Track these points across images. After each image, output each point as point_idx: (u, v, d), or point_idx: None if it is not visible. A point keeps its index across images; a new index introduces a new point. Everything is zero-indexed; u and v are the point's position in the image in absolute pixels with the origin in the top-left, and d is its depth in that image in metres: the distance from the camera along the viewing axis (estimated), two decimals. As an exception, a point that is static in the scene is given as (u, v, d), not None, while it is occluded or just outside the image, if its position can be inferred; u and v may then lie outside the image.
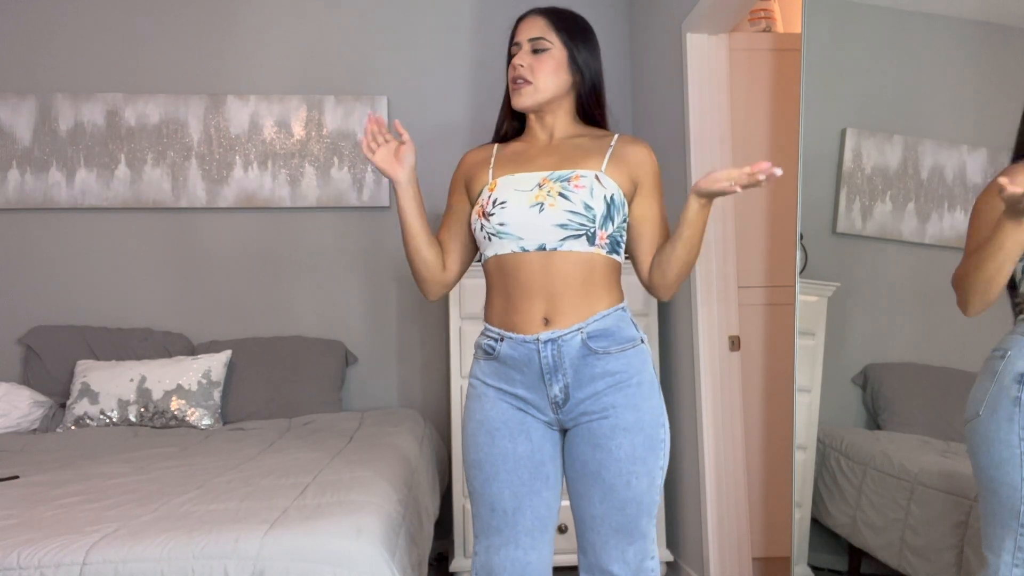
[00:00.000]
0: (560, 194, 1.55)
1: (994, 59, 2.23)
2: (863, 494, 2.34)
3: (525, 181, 1.59)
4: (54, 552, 1.55)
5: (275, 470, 2.20)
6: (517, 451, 1.59)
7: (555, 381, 1.55)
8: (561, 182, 1.56)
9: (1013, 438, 1.55)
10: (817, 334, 2.39)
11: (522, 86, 1.64)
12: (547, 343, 1.54)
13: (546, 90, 1.64)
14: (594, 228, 1.55)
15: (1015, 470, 1.54)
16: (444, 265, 1.74)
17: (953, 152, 2.28)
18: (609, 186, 1.58)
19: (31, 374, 3.25)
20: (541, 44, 1.65)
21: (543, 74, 1.63)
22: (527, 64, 1.64)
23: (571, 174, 1.57)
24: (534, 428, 1.60)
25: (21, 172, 3.38)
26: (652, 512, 1.59)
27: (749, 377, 2.90)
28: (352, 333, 3.48)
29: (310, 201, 3.48)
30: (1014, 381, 1.57)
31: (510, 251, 1.58)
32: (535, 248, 1.55)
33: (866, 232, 2.37)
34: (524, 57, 1.65)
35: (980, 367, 1.70)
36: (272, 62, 3.53)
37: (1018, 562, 1.54)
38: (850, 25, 2.45)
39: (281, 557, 1.57)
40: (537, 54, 1.64)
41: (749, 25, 3.21)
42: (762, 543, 2.88)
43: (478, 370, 1.68)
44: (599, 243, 1.56)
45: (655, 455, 1.57)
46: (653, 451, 1.56)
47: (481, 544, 1.62)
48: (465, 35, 3.60)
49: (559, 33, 1.66)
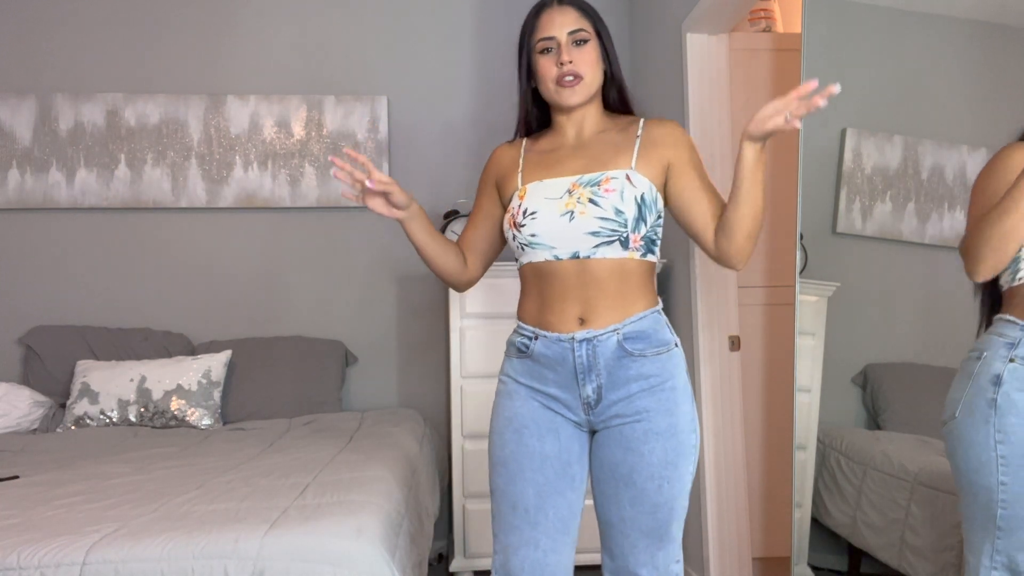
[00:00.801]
0: (590, 200, 1.51)
1: (994, 59, 2.23)
2: (863, 494, 2.34)
3: (555, 188, 1.56)
4: (54, 552, 1.55)
5: (275, 470, 2.20)
6: (544, 450, 1.57)
7: (588, 381, 1.53)
8: (591, 187, 1.52)
9: (989, 440, 1.53)
10: (817, 334, 2.39)
11: (575, 83, 1.57)
12: (582, 343, 1.52)
13: (593, 83, 1.59)
14: (627, 232, 1.51)
15: (991, 473, 1.52)
16: (467, 263, 1.74)
17: (953, 152, 2.28)
18: (640, 184, 1.53)
19: (31, 374, 3.25)
20: (582, 36, 1.58)
21: (589, 67, 1.58)
22: (574, 58, 1.57)
23: (601, 177, 1.53)
24: (563, 428, 1.58)
25: (21, 172, 3.38)
26: (681, 517, 1.57)
27: (749, 377, 2.90)
28: (352, 333, 3.48)
29: (310, 201, 3.48)
30: (990, 383, 1.54)
31: (543, 259, 1.56)
32: (568, 256, 1.54)
33: (866, 232, 2.37)
34: (569, 51, 1.57)
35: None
36: (272, 62, 3.53)
37: (996, 564, 1.53)
38: (850, 25, 2.45)
39: (281, 557, 1.57)
40: (579, 46, 1.58)
41: (749, 25, 3.21)
42: (762, 543, 2.88)
43: (509, 367, 1.65)
44: (633, 247, 1.53)
45: (687, 461, 1.55)
46: (685, 457, 1.54)
47: (499, 543, 1.58)
48: (465, 35, 3.60)
49: (593, 23, 1.61)
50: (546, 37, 1.59)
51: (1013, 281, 1.60)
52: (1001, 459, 1.52)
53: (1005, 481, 1.51)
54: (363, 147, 3.49)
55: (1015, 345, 1.54)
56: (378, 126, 3.50)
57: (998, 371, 1.54)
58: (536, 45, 1.60)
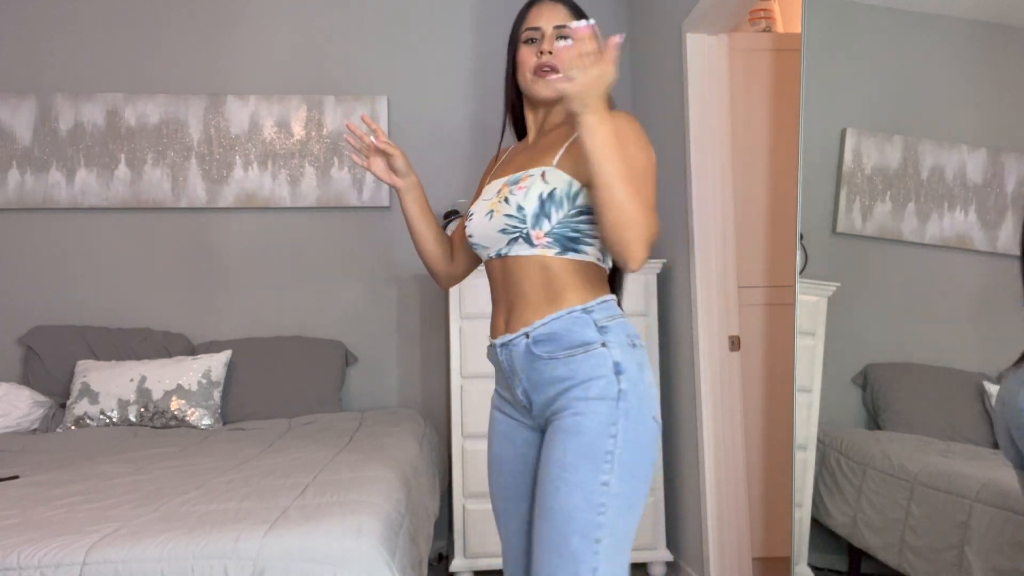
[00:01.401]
0: (505, 199, 1.50)
1: (994, 59, 2.23)
2: (863, 494, 2.33)
3: (492, 189, 1.58)
4: (54, 552, 1.55)
5: (275, 470, 2.20)
6: (503, 455, 1.60)
7: (516, 385, 1.53)
8: (511, 186, 1.51)
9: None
10: (817, 334, 2.39)
11: (550, 74, 1.54)
12: (501, 347, 1.53)
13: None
14: (526, 229, 1.47)
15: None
16: (452, 258, 1.78)
17: (953, 152, 2.28)
18: (554, 180, 1.47)
19: (31, 374, 3.25)
20: (566, 32, 1.55)
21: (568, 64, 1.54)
22: (557, 53, 1.53)
23: (522, 175, 1.51)
24: (519, 433, 1.58)
25: (21, 172, 3.38)
26: (589, 534, 1.36)
27: (749, 377, 2.90)
28: (352, 333, 3.49)
29: (310, 201, 3.48)
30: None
31: (486, 259, 1.60)
32: (496, 255, 1.55)
33: (866, 232, 2.37)
34: (551, 43, 1.56)
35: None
36: (272, 62, 3.53)
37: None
38: (850, 25, 2.45)
39: (281, 557, 1.57)
40: (563, 40, 1.51)
41: (749, 25, 3.21)
42: (762, 543, 2.88)
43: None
44: (539, 243, 1.48)
45: (594, 467, 1.37)
46: (591, 461, 1.38)
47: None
48: (465, 35, 3.60)
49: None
50: (532, 27, 1.59)
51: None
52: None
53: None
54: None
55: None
56: (378, 126, 3.49)
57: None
58: (522, 35, 1.60)
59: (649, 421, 1.44)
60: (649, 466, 1.44)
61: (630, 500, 1.40)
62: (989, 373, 2.14)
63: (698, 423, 2.76)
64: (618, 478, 1.38)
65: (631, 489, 1.40)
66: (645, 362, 1.48)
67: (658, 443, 1.48)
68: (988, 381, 2.13)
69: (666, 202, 3.08)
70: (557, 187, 1.47)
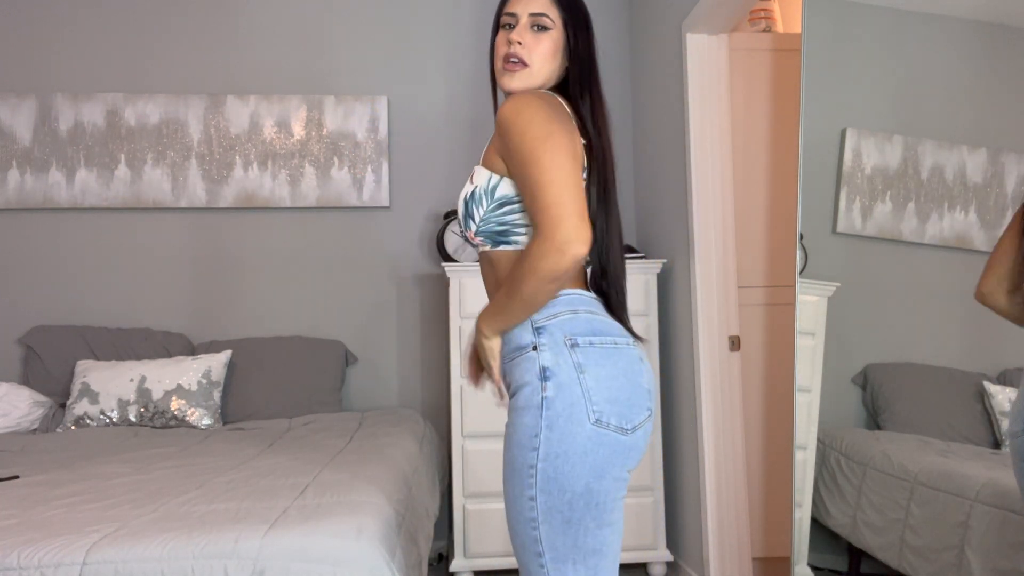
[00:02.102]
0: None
1: (994, 59, 2.23)
2: (863, 494, 2.33)
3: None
4: (54, 552, 1.55)
5: (275, 470, 2.20)
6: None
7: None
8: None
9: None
10: (817, 334, 2.39)
11: (516, 67, 1.44)
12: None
13: (538, 75, 1.45)
14: (463, 231, 1.46)
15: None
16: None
17: (953, 152, 2.28)
18: (478, 177, 1.43)
19: (31, 374, 3.25)
20: (543, 21, 1.44)
21: (540, 56, 1.44)
22: (525, 42, 1.44)
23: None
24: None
25: (21, 172, 3.38)
26: (530, 548, 1.34)
27: (749, 377, 2.90)
28: (352, 333, 3.49)
29: (310, 201, 3.48)
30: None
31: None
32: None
33: (866, 232, 2.37)
34: (523, 33, 1.44)
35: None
36: (272, 62, 3.53)
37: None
38: (850, 25, 2.45)
39: (281, 557, 1.57)
40: (537, 32, 1.44)
41: (749, 25, 3.21)
42: (762, 543, 2.88)
43: None
44: (477, 243, 1.45)
45: (520, 481, 1.33)
46: (518, 476, 1.33)
47: None
48: (465, 35, 3.60)
49: (561, 13, 1.46)
50: (509, 12, 1.47)
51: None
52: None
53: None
54: (363, 147, 3.49)
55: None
56: (378, 126, 3.49)
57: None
58: (500, 19, 1.49)
59: (584, 427, 1.31)
60: (589, 476, 1.31)
61: (566, 515, 1.31)
62: (989, 373, 2.14)
63: (698, 423, 2.75)
64: (544, 492, 1.31)
65: (563, 503, 1.31)
66: (591, 362, 1.34)
67: (608, 449, 1.32)
68: (988, 381, 2.12)
69: (666, 202, 3.08)
70: (479, 184, 1.42)
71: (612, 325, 1.42)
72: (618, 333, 1.41)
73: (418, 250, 3.53)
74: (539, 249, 1.26)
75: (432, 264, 3.51)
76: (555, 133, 1.31)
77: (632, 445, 1.36)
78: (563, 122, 1.36)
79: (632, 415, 1.35)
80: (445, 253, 3.17)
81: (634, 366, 1.39)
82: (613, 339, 1.39)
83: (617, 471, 1.34)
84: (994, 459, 2.05)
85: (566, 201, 1.26)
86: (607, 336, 1.38)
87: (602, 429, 1.32)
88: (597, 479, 1.32)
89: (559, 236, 1.24)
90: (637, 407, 1.36)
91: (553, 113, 1.36)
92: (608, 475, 1.33)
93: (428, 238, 3.52)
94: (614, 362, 1.36)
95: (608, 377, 1.34)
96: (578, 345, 1.35)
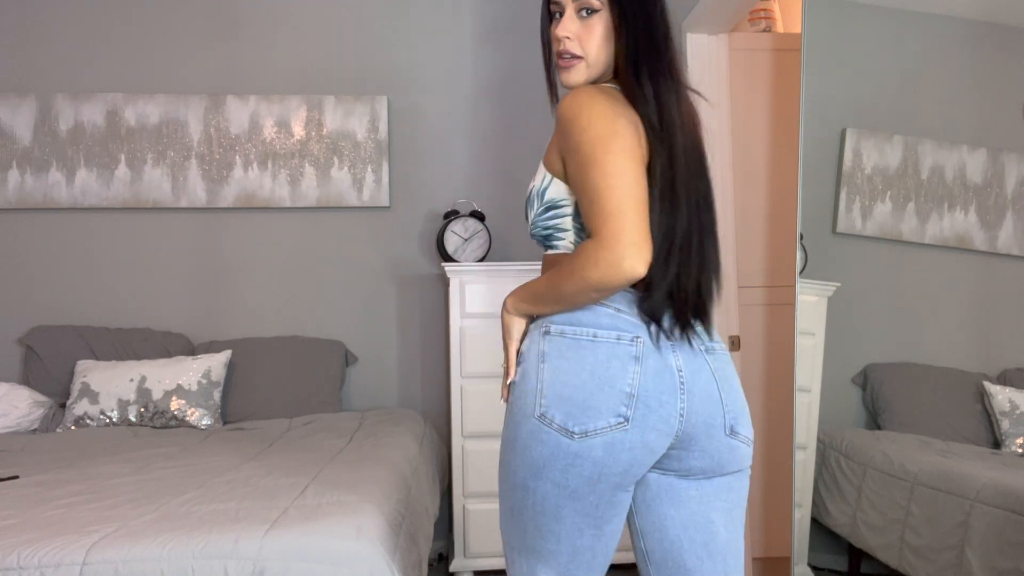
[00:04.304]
0: None
1: (993, 59, 2.23)
2: (863, 494, 2.33)
3: None
4: (54, 552, 1.55)
5: (275, 470, 2.20)
6: None
7: None
8: None
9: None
10: (817, 334, 2.39)
11: (571, 63, 1.33)
12: None
13: (598, 63, 1.34)
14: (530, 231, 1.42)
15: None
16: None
17: (953, 152, 2.28)
18: (538, 177, 1.37)
19: (31, 374, 3.25)
20: (589, 3, 1.31)
21: (595, 44, 1.32)
22: (573, 33, 1.32)
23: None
24: None
25: (21, 172, 3.38)
26: (506, 541, 1.34)
27: (749, 377, 2.90)
28: (352, 333, 3.48)
29: (310, 201, 3.48)
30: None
31: None
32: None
33: (866, 232, 2.37)
34: (569, 24, 1.32)
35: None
36: (272, 62, 3.53)
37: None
38: (850, 25, 2.45)
39: (281, 557, 1.57)
40: (585, 17, 1.32)
41: (749, 25, 3.21)
42: (762, 543, 2.88)
43: None
44: (537, 243, 1.42)
45: (501, 474, 1.33)
46: (507, 446, 1.31)
47: None
48: (465, 35, 3.59)
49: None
50: (554, 0, 1.35)
51: None
52: None
53: None
54: (363, 147, 3.49)
55: None
56: (378, 126, 3.49)
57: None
58: (549, 7, 1.37)
59: (529, 420, 1.24)
60: (526, 472, 1.25)
61: (509, 503, 1.30)
62: (989, 373, 2.14)
63: (698, 423, 2.75)
64: (501, 479, 1.32)
65: (507, 491, 1.30)
66: (554, 352, 1.26)
67: (547, 449, 1.23)
68: (988, 381, 2.13)
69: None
70: (535, 185, 1.37)
71: (609, 316, 1.26)
72: (608, 326, 1.25)
73: (418, 250, 3.53)
74: (595, 255, 1.17)
75: (432, 264, 3.51)
76: (619, 134, 1.22)
77: (580, 452, 1.21)
78: (628, 120, 1.25)
79: (585, 418, 1.21)
80: (445, 253, 3.17)
81: (612, 364, 1.22)
82: (594, 331, 1.25)
83: (558, 476, 1.23)
84: (994, 459, 2.05)
85: (627, 210, 1.17)
86: (586, 327, 1.25)
87: (544, 425, 1.23)
88: (534, 478, 1.25)
89: (618, 250, 1.16)
90: (595, 411, 1.21)
91: (619, 109, 1.26)
92: (546, 477, 1.23)
93: (428, 238, 3.52)
94: (582, 356, 1.23)
95: (568, 371, 1.23)
96: (549, 332, 1.27)
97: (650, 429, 1.23)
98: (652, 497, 1.33)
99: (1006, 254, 2.17)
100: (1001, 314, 2.18)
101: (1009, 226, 2.17)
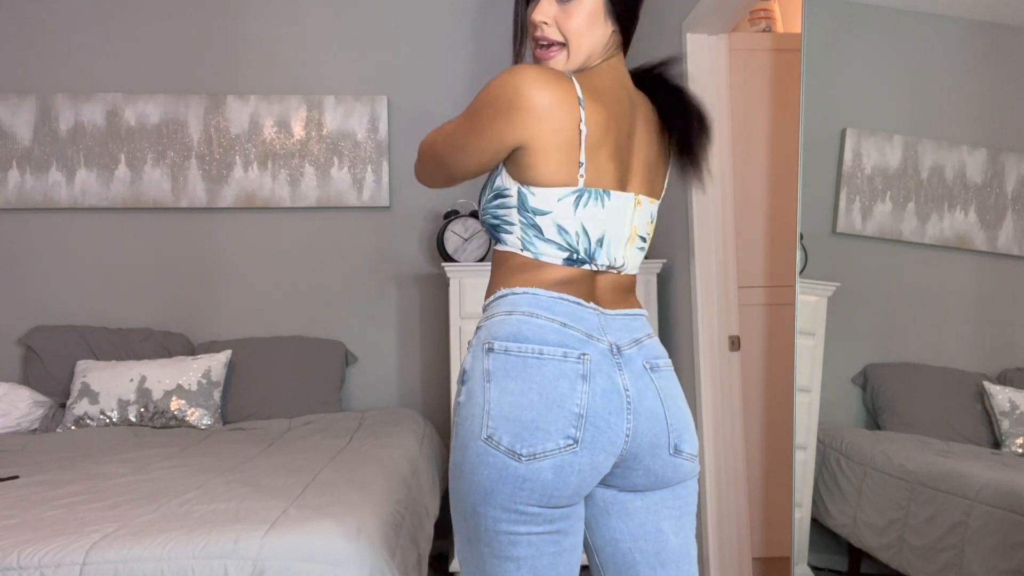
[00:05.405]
0: None
1: (994, 59, 2.23)
2: (863, 494, 2.33)
3: None
4: (54, 552, 1.55)
5: (275, 470, 2.20)
6: None
7: None
8: None
9: None
10: (817, 334, 2.39)
11: (551, 52, 1.24)
12: None
13: (582, 49, 1.24)
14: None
15: None
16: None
17: (953, 152, 2.28)
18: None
19: (31, 374, 3.25)
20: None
21: (574, 29, 1.23)
22: (551, 19, 1.23)
23: None
24: None
25: (21, 172, 3.38)
26: (467, 574, 1.25)
27: (749, 377, 2.90)
28: (352, 333, 3.48)
29: (310, 201, 3.48)
30: None
31: None
32: None
33: (866, 232, 2.37)
34: (546, 9, 1.23)
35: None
36: (272, 62, 3.53)
37: None
38: (850, 25, 2.45)
39: (281, 557, 1.57)
40: (564, 3, 1.23)
41: (749, 25, 3.21)
42: (762, 543, 2.88)
43: None
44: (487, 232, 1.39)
45: (452, 503, 1.25)
46: (452, 497, 1.25)
47: None
48: (465, 35, 3.59)
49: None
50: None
51: None
52: None
53: None
54: (363, 147, 3.49)
55: None
56: (378, 126, 3.49)
57: None
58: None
59: (476, 442, 1.16)
60: (475, 497, 1.17)
61: (464, 533, 1.22)
62: (989, 373, 2.14)
63: (698, 423, 2.75)
64: (453, 508, 1.24)
65: (459, 521, 1.22)
66: (499, 371, 1.18)
67: (495, 472, 1.15)
68: (988, 381, 2.13)
69: (666, 202, 3.07)
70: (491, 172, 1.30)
71: (555, 332, 1.20)
72: (554, 342, 1.18)
73: (418, 250, 3.53)
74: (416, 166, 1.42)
75: (432, 264, 3.51)
76: (501, 113, 1.16)
77: (528, 476, 1.14)
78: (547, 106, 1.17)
79: (533, 440, 1.14)
80: (445, 253, 3.17)
81: (559, 384, 1.16)
82: (540, 347, 1.18)
83: (507, 501, 1.15)
84: (994, 459, 2.05)
85: (425, 157, 1.35)
86: (531, 344, 1.18)
87: (491, 448, 1.15)
88: (483, 503, 1.16)
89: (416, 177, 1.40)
90: (544, 432, 1.14)
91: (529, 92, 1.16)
92: (495, 503, 1.16)
93: (428, 238, 3.52)
94: (528, 375, 1.16)
95: (515, 391, 1.16)
96: (493, 349, 1.20)
97: (599, 451, 1.18)
98: (600, 512, 1.29)
99: (1006, 254, 2.17)
100: (1001, 314, 2.18)
101: (1009, 226, 2.17)
